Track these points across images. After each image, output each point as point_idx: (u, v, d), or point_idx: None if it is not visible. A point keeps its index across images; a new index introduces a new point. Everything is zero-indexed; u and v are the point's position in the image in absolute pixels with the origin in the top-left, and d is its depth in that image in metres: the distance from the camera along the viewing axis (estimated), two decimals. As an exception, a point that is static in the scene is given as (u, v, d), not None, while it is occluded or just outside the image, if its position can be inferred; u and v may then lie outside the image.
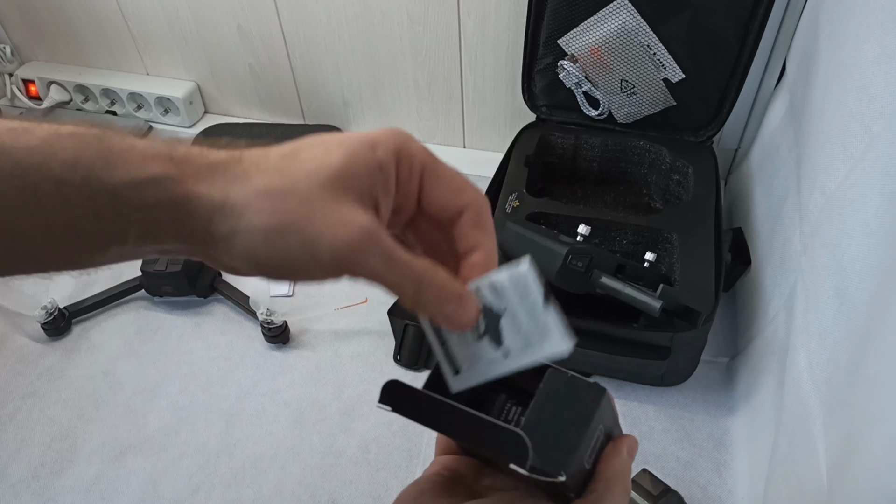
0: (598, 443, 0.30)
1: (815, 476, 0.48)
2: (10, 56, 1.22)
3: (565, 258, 0.65)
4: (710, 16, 0.78)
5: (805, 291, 0.59)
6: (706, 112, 0.86)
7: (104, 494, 0.71)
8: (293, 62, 1.08)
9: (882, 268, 0.44)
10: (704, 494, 0.68)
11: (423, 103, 1.06)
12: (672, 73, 0.83)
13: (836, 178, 0.55)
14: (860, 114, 0.52)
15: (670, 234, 0.76)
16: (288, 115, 1.17)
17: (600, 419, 0.29)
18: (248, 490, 0.71)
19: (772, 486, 0.59)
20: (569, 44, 0.85)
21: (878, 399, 0.40)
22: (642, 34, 0.81)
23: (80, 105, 1.20)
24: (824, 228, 0.56)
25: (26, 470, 0.74)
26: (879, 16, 0.52)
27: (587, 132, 0.90)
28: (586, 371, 0.76)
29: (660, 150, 0.87)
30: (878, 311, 0.43)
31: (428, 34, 0.98)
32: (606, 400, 0.29)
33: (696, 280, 0.71)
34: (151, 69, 1.19)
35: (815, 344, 0.53)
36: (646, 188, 0.91)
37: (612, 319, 0.69)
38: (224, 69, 1.13)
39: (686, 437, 0.72)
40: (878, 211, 0.46)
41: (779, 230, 0.71)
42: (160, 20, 1.09)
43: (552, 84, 0.89)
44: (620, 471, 0.30)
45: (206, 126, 1.16)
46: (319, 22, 1.01)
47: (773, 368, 0.65)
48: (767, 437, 0.62)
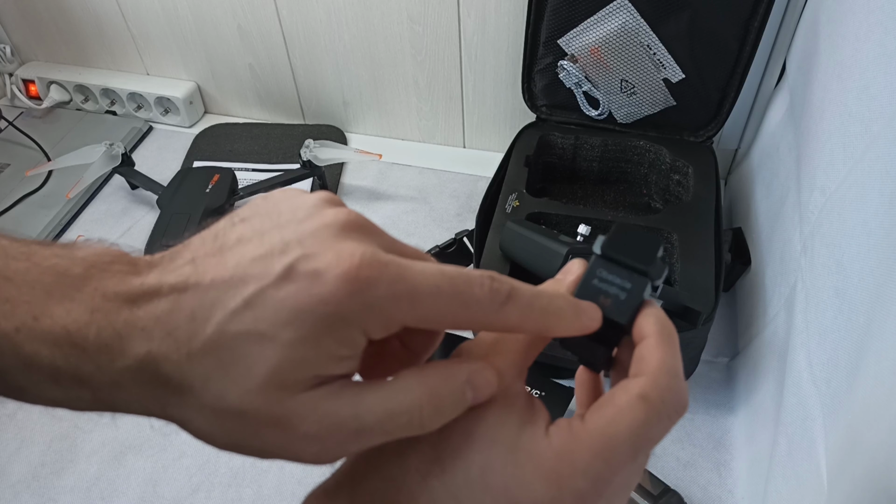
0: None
1: (815, 476, 0.48)
2: (10, 56, 1.22)
3: (565, 258, 0.65)
4: (710, 16, 0.78)
5: (805, 291, 0.59)
6: (706, 112, 0.86)
7: (104, 494, 0.71)
8: (293, 62, 1.08)
9: (882, 268, 0.44)
10: (704, 494, 0.68)
11: (423, 103, 1.07)
12: (672, 73, 0.83)
13: (836, 178, 0.55)
14: (860, 114, 0.52)
15: (670, 234, 0.76)
16: (288, 115, 1.17)
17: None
18: (248, 490, 0.71)
19: (772, 486, 0.59)
20: (569, 44, 0.85)
21: (878, 399, 0.40)
22: (642, 34, 0.81)
23: (80, 105, 1.20)
24: (824, 228, 0.56)
25: (26, 470, 0.74)
26: (879, 16, 0.52)
27: (587, 132, 0.90)
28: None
29: (660, 150, 0.87)
30: (878, 311, 0.43)
31: (428, 34, 0.98)
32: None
33: (696, 280, 0.71)
34: (151, 69, 1.19)
35: (815, 344, 0.53)
36: (646, 188, 0.91)
37: (612, 319, 0.69)
38: (224, 69, 1.13)
39: (686, 437, 0.72)
40: (878, 211, 0.46)
41: (779, 230, 0.71)
42: (160, 20, 1.09)
43: (552, 84, 0.90)
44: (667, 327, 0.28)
45: (206, 126, 1.16)
46: (319, 22, 1.01)
47: (773, 368, 0.65)
48: (767, 437, 0.62)
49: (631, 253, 0.29)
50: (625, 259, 0.29)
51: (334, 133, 1.13)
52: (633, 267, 0.29)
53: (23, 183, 1.05)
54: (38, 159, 1.10)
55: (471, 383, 0.25)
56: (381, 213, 0.99)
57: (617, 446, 0.25)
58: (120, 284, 0.24)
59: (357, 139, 1.14)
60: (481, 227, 0.78)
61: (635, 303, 0.28)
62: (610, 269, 0.29)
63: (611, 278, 0.29)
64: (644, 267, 0.29)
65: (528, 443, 0.25)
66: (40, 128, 1.17)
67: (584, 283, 0.29)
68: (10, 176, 1.07)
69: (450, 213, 0.98)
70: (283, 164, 1.06)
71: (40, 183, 1.05)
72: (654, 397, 0.26)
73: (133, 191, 1.05)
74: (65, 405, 0.24)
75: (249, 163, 1.08)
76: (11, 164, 1.09)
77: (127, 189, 1.05)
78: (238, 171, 1.02)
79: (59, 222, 1.00)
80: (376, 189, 1.04)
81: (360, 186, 1.04)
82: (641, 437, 0.26)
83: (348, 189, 1.04)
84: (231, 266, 0.23)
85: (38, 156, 1.11)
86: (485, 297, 0.25)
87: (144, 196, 1.04)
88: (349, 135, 1.14)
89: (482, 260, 0.75)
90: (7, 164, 1.09)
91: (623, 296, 0.28)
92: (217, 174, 0.97)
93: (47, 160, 1.09)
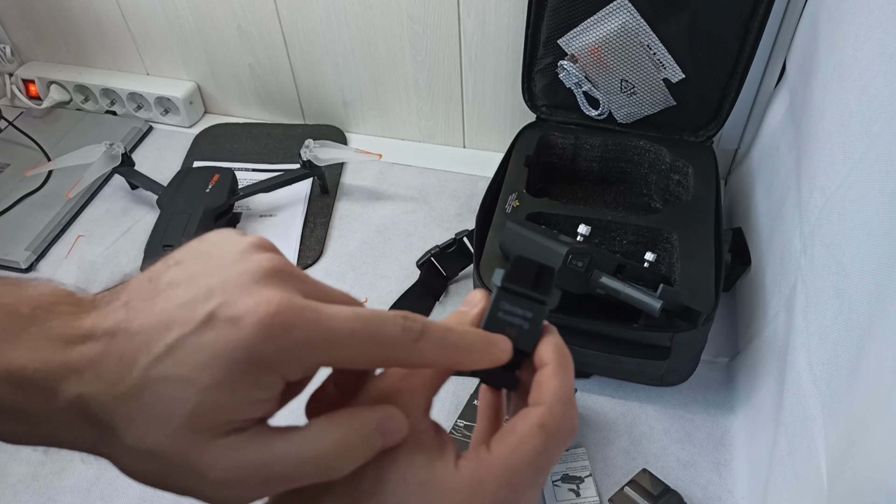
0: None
1: (815, 476, 0.48)
2: (10, 56, 1.22)
3: (565, 258, 0.65)
4: (710, 16, 0.78)
5: (805, 291, 0.59)
6: (706, 112, 0.86)
7: (104, 494, 0.71)
8: (293, 62, 1.08)
9: (882, 268, 0.44)
10: (704, 494, 0.68)
11: (423, 103, 1.07)
12: (672, 73, 0.83)
13: (836, 178, 0.55)
14: (860, 114, 0.52)
15: (670, 234, 0.76)
16: (288, 115, 1.17)
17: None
18: (248, 490, 0.71)
19: (772, 486, 0.59)
20: (569, 44, 0.85)
21: (878, 399, 0.40)
22: (642, 34, 0.81)
23: (80, 105, 1.20)
24: (824, 228, 0.56)
25: (26, 470, 0.74)
26: (879, 16, 0.52)
27: (587, 132, 0.90)
28: (586, 371, 0.77)
29: (660, 150, 0.87)
30: (878, 311, 0.43)
31: (428, 34, 0.98)
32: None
33: (696, 280, 0.71)
34: (151, 69, 1.19)
35: (815, 344, 0.53)
36: (646, 188, 0.91)
37: (612, 319, 0.69)
38: (224, 69, 1.13)
39: (686, 437, 0.72)
40: (878, 211, 0.46)
41: (779, 230, 0.71)
42: (160, 20, 1.09)
43: (552, 84, 0.90)
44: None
45: (206, 126, 1.16)
46: (319, 22, 1.01)
47: (773, 368, 0.65)
48: (767, 437, 0.62)
49: (529, 283, 0.32)
50: (524, 290, 0.31)
51: (334, 133, 1.13)
52: (533, 297, 0.31)
53: (23, 183, 1.05)
54: (38, 159, 1.10)
55: (381, 429, 0.26)
56: (381, 213, 0.99)
57: (521, 473, 0.27)
58: (62, 326, 0.25)
59: (357, 139, 1.14)
60: (481, 227, 0.78)
61: (538, 331, 0.31)
62: (512, 300, 0.31)
63: (514, 310, 0.31)
64: (542, 297, 0.31)
65: (439, 478, 0.27)
66: (40, 128, 1.17)
67: (491, 316, 0.31)
68: (10, 176, 1.07)
69: (450, 213, 0.98)
70: (283, 164, 1.06)
71: (40, 183, 1.05)
72: (552, 426, 0.28)
73: (133, 191, 1.05)
74: (2, 438, 0.25)
75: (249, 163, 1.08)
76: (11, 164, 1.09)
77: (127, 189, 1.05)
78: (238, 171, 1.02)
79: (59, 222, 1.00)
80: (376, 189, 1.04)
81: (360, 186, 1.04)
82: (542, 462, 0.28)
83: (348, 189, 1.04)
84: (158, 311, 0.24)
85: (38, 156, 1.11)
86: (398, 336, 0.26)
87: (144, 196, 1.04)
88: (349, 135, 1.14)
89: (482, 260, 0.75)
90: (7, 164, 1.09)
91: (526, 325, 0.31)
92: (217, 174, 0.97)
93: (47, 160, 1.09)
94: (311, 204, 1.01)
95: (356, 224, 0.98)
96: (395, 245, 0.95)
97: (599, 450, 0.71)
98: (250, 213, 1.00)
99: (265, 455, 0.24)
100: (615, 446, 0.72)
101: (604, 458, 0.70)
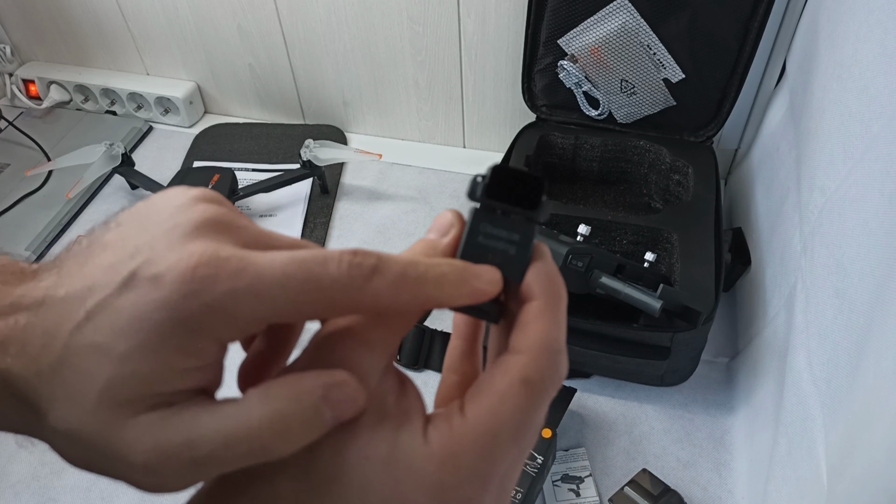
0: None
1: (815, 476, 0.48)
2: (10, 56, 1.22)
3: (565, 258, 0.65)
4: (710, 16, 0.78)
5: (805, 291, 0.59)
6: (706, 112, 0.86)
7: (104, 494, 0.71)
8: (293, 62, 1.08)
9: (882, 268, 0.44)
10: (704, 494, 0.68)
11: (423, 103, 1.06)
12: (672, 73, 0.83)
13: (836, 178, 0.55)
14: (860, 114, 0.52)
15: (670, 234, 0.76)
16: (288, 115, 1.17)
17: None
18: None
19: (772, 486, 0.59)
20: (569, 44, 0.85)
21: (878, 399, 0.40)
22: (642, 34, 0.81)
23: (80, 105, 1.20)
24: (824, 228, 0.56)
25: (26, 470, 0.74)
26: (879, 16, 0.52)
27: (587, 132, 0.90)
28: (586, 371, 0.76)
29: (660, 150, 0.87)
30: (878, 311, 0.43)
31: (428, 34, 0.98)
32: None
33: (696, 280, 0.71)
34: (151, 69, 1.19)
35: (815, 344, 0.53)
36: (646, 188, 0.91)
37: (612, 319, 0.69)
38: (224, 69, 1.13)
39: (686, 437, 0.72)
40: (878, 211, 0.46)
41: (779, 230, 0.71)
42: (160, 20, 1.09)
43: (552, 84, 0.90)
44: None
45: (206, 126, 1.16)
46: (319, 22, 1.01)
47: (773, 368, 0.65)
48: (767, 437, 0.62)
49: (513, 197, 0.25)
50: (509, 206, 0.25)
51: (334, 133, 1.13)
52: (519, 214, 0.25)
53: (23, 183, 1.05)
54: (38, 159, 1.10)
55: (329, 401, 0.22)
56: (381, 213, 0.99)
57: (501, 440, 0.23)
58: None
59: (357, 139, 1.14)
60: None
61: (527, 255, 0.25)
62: (494, 220, 0.25)
63: (496, 232, 0.25)
64: (531, 212, 0.25)
65: (405, 453, 0.22)
66: (40, 128, 1.17)
67: (469, 242, 0.25)
68: (10, 176, 1.07)
69: (450, 213, 0.98)
70: (283, 164, 1.06)
71: (40, 183, 1.05)
72: (536, 380, 0.23)
73: (133, 191, 1.05)
74: None
75: (249, 163, 1.08)
76: (11, 164, 1.09)
77: (127, 189, 1.05)
78: (238, 171, 1.02)
79: (59, 222, 1.00)
80: (376, 189, 1.04)
81: (360, 186, 1.04)
82: (526, 424, 0.23)
83: (348, 189, 1.04)
84: (86, 276, 0.22)
85: (38, 156, 1.11)
86: (343, 276, 0.21)
87: (144, 196, 1.03)
88: (349, 135, 1.14)
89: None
90: (7, 164, 1.09)
91: (513, 250, 0.25)
92: (217, 174, 0.97)
93: (47, 160, 1.09)
94: (311, 204, 1.01)
95: (356, 224, 0.98)
96: (395, 245, 0.95)
97: (599, 450, 0.71)
98: (250, 213, 1.00)
99: (188, 432, 0.21)
100: (615, 446, 0.72)
101: (604, 458, 0.71)
